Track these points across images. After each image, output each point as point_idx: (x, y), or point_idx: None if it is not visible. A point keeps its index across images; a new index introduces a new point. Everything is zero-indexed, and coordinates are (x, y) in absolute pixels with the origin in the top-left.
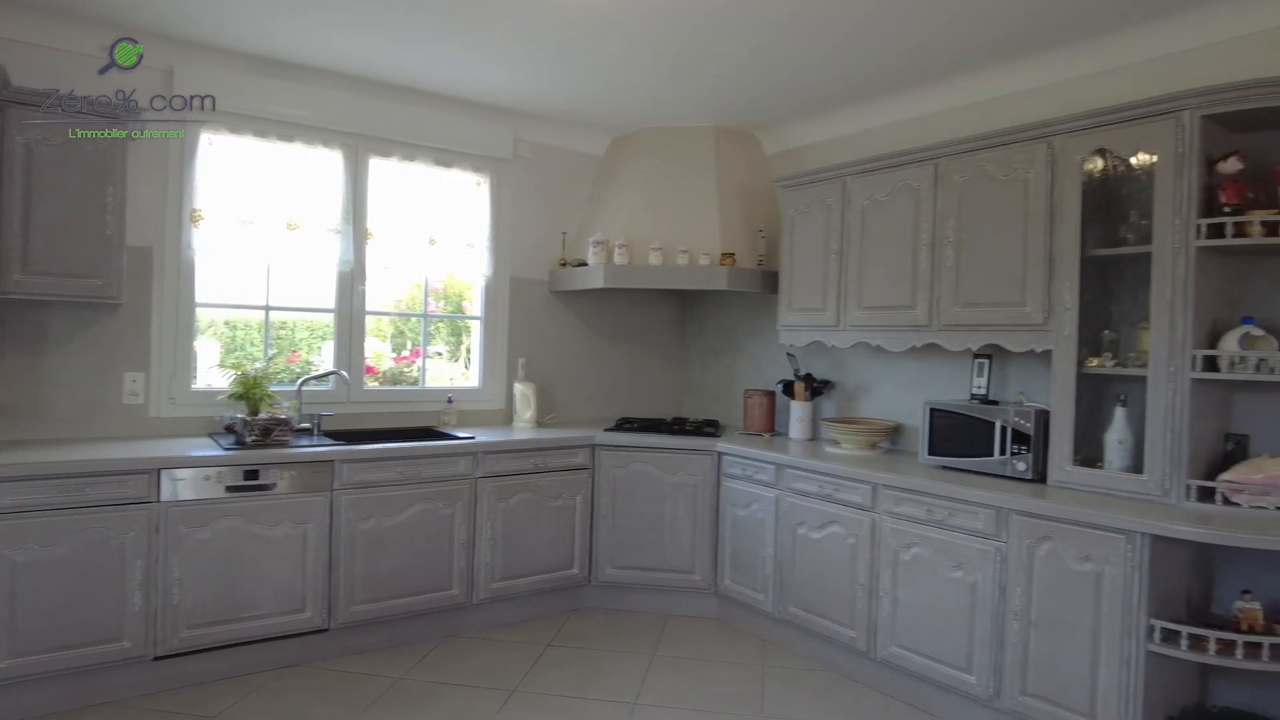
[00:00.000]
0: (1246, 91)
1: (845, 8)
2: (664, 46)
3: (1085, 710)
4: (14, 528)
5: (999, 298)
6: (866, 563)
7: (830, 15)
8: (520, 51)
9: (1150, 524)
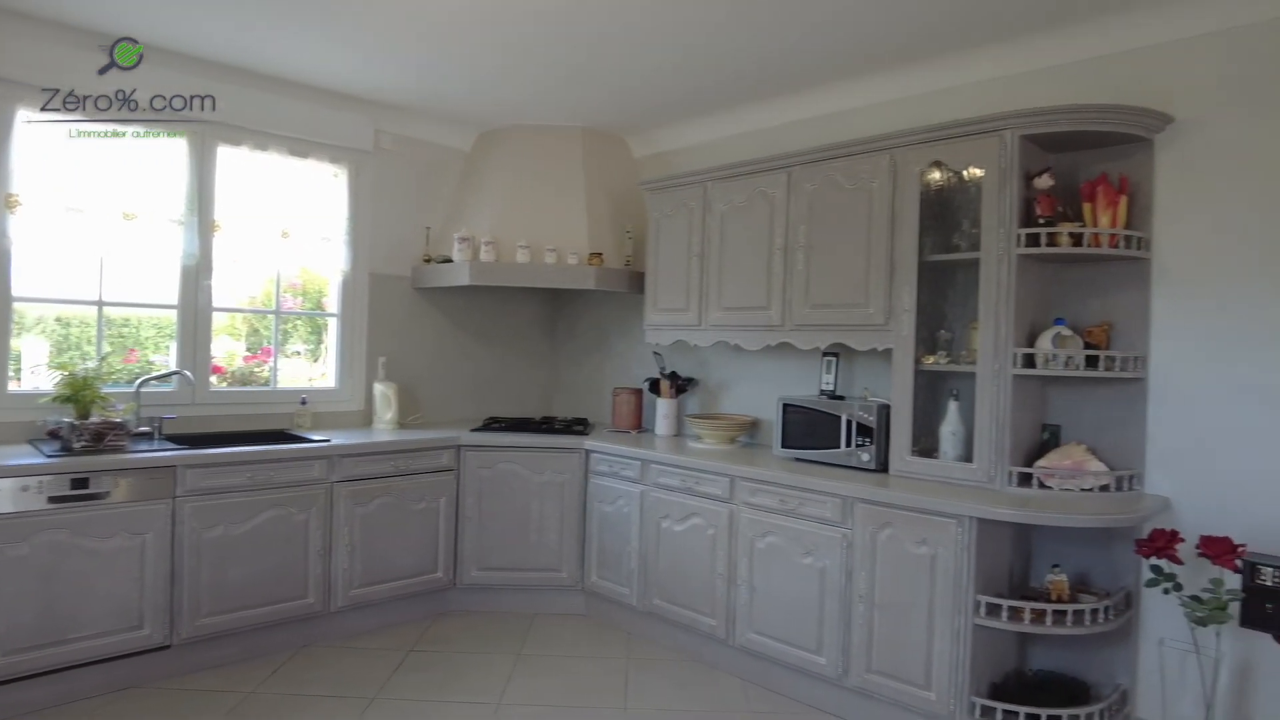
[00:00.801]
0: (1057, 116)
1: (703, 20)
2: (532, 45)
3: (922, 682)
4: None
5: (845, 300)
6: (725, 552)
7: (689, 26)
8: (379, 41)
9: (977, 508)
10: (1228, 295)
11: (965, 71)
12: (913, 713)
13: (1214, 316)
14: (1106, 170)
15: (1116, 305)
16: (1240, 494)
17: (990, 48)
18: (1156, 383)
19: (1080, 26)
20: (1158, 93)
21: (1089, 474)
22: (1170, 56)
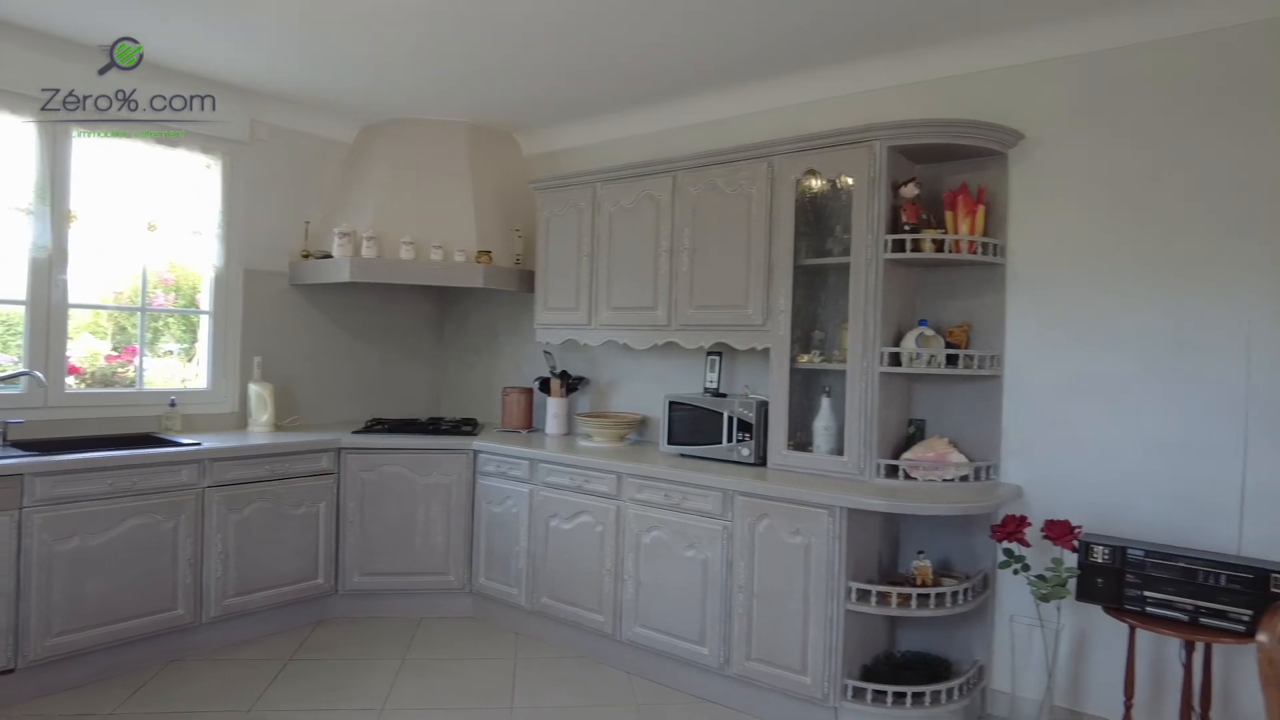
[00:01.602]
0: (921, 129)
1: (589, 24)
2: (421, 39)
3: (798, 668)
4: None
5: (727, 301)
6: (613, 549)
7: (577, 29)
8: (256, 27)
9: (847, 499)
10: (1070, 298)
11: (838, 84)
12: (790, 697)
13: (1059, 318)
14: (966, 181)
15: (975, 307)
16: (1078, 480)
17: (860, 62)
18: (1010, 379)
19: (943, 46)
20: (1010, 110)
21: (950, 465)
22: (1021, 78)
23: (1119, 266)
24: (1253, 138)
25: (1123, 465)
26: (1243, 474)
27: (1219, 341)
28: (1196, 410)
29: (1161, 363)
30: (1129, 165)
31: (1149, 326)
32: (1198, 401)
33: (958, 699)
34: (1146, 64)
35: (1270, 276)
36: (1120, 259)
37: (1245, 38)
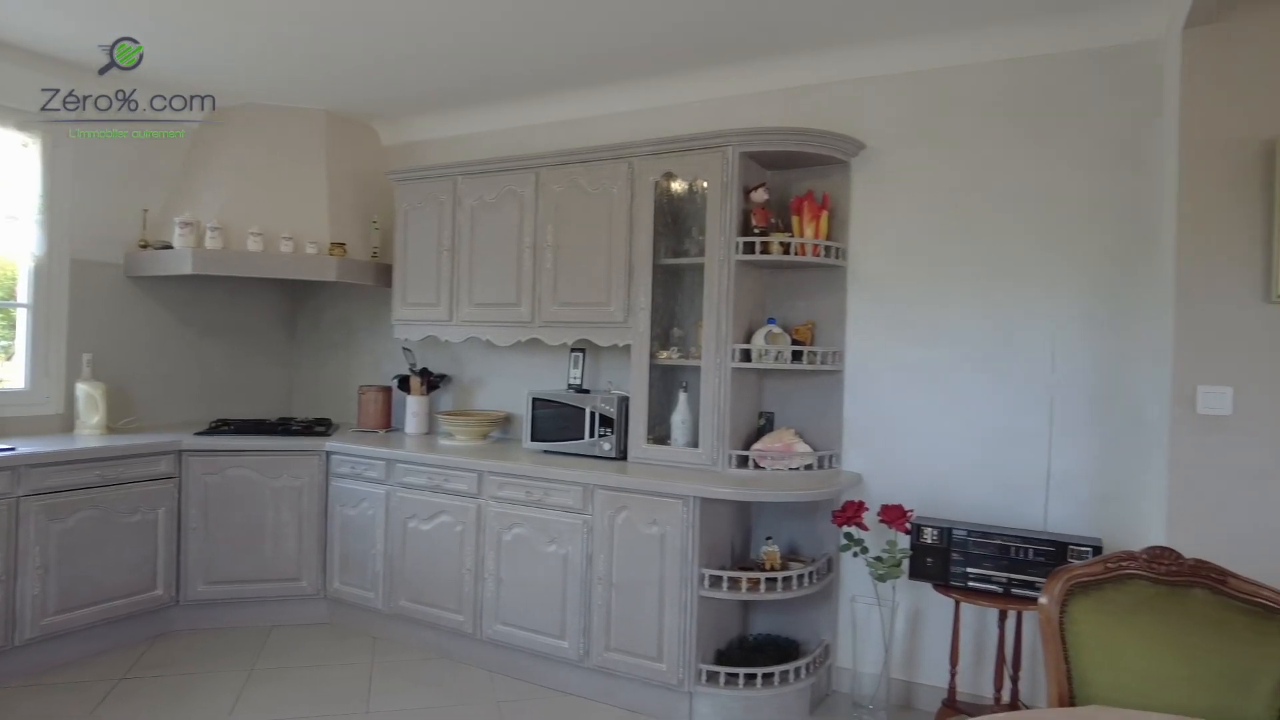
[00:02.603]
0: (771, 136)
1: (452, 17)
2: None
3: (655, 655)
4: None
5: (589, 298)
6: (473, 547)
7: (440, 21)
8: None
9: (700, 488)
10: (904, 299)
11: (696, 89)
12: (648, 685)
13: (894, 317)
14: (812, 187)
15: (819, 307)
16: (912, 466)
17: (717, 69)
18: (851, 374)
19: (794, 58)
20: (853, 121)
21: (796, 455)
22: (862, 91)
23: (946, 271)
24: (1056, 156)
25: (951, 453)
26: (1048, 459)
27: (1029, 340)
28: (1011, 402)
29: (983, 359)
30: (953, 177)
31: (972, 326)
32: (1012, 394)
33: (805, 677)
34: (967, 84)
35: (1070, 283)
36: (947, 264)
37: (1050, 66)
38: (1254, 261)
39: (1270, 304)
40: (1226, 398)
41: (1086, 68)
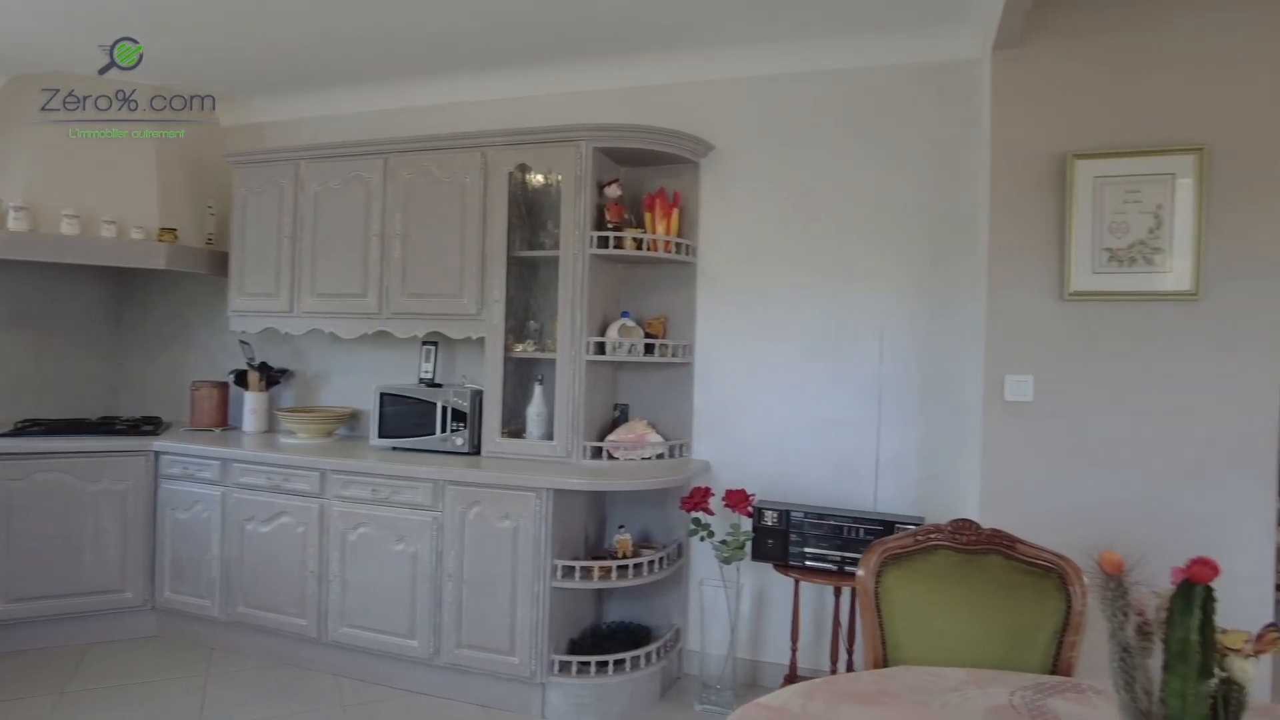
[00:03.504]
0: (624, 133)
1: None
2: None
3: (507, 649)
4: None
5: (441, 289)
6: (316, 549)
7: None
8: None
9: (553, 481)
10: (749, 294)
11: (552, 83)
12: (500, 679)
13: (740, 312)
14: (664, 185)
15: (671, 301)
16: (757, 453)
17: (574, 64)
18: (700, 366)
19: (649, 56)
20: (703, 122)
21: (649, 445)
22: (713, 93)
23: (786, 268)
24: (886, 163)
25: (792, 440)
26: (877, 444)
27: (861, 334)
28: (846, 392)
29: (820, 351)
30: (794, 179)
31: (810, 321)
32: (846, 384)
33: (656, 662)
34: (808, 91)
35: (897, 280)
36: (787, 262)
37: (883, 78)
38: (1051, 262)
39: (1064, 300)
40: (1028, 385)
41: (915, 81)
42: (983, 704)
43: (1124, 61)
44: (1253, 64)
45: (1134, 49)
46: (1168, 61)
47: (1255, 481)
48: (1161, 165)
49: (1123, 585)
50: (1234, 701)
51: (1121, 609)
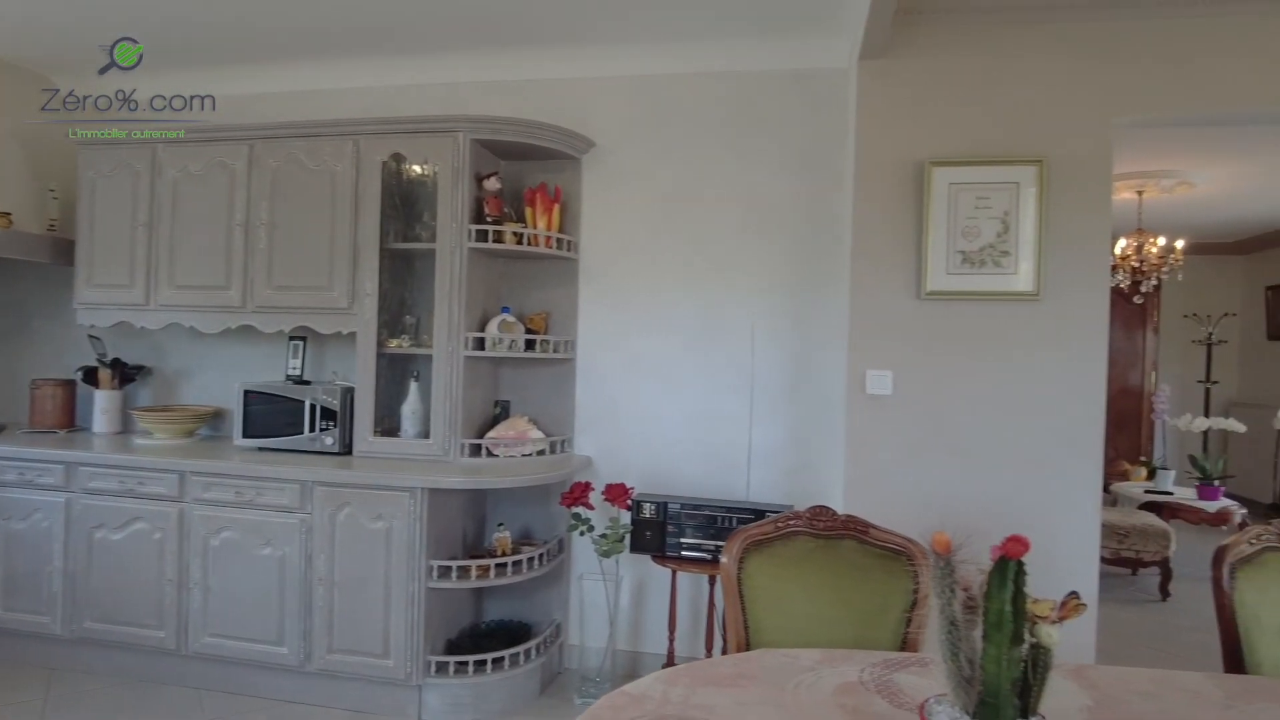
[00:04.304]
0: (504, 126)
1: None
2: None
3: (381, 652)
4: None
5: (310, 282)
6: (175, 556)
7: None
8: None
9: (428, 479)
10: (630, 290)
11: (431, 72)
12: (375, 683)
13: (621, 308)
14: (546, 180)
15: (553, 297)
16: (638, 447)
17: (454, 54)
18: (582, 362)
19: (531, 51)
20: (585, 119)
21: (530, 441)
22: (595, 90)
23: (665, 265)
24: (760, 164)
25: (671, 433)
26: (749, 435)
27: (734, 329)
28: (721, 386)
29: (698, 347)
30: (673, 178)
31: (688, 316)
32: (722, 379)
33: (535, 658)
34: (687, 92)
35: (769, 279)
36: (666, 259)
37: (758, 82)
38: (909, 263)
39: (921, 300)
40: (888, 380)
41: (789, 87)
42: (834, 682)
43: (975, 77)
44: (1080, 87)
45: (984, 67)
46: (1012, 80)
47: (1086, 466)
48: (1008, 175)
49: (950, 564)
50: (1041, 663)
51: (949, 585)
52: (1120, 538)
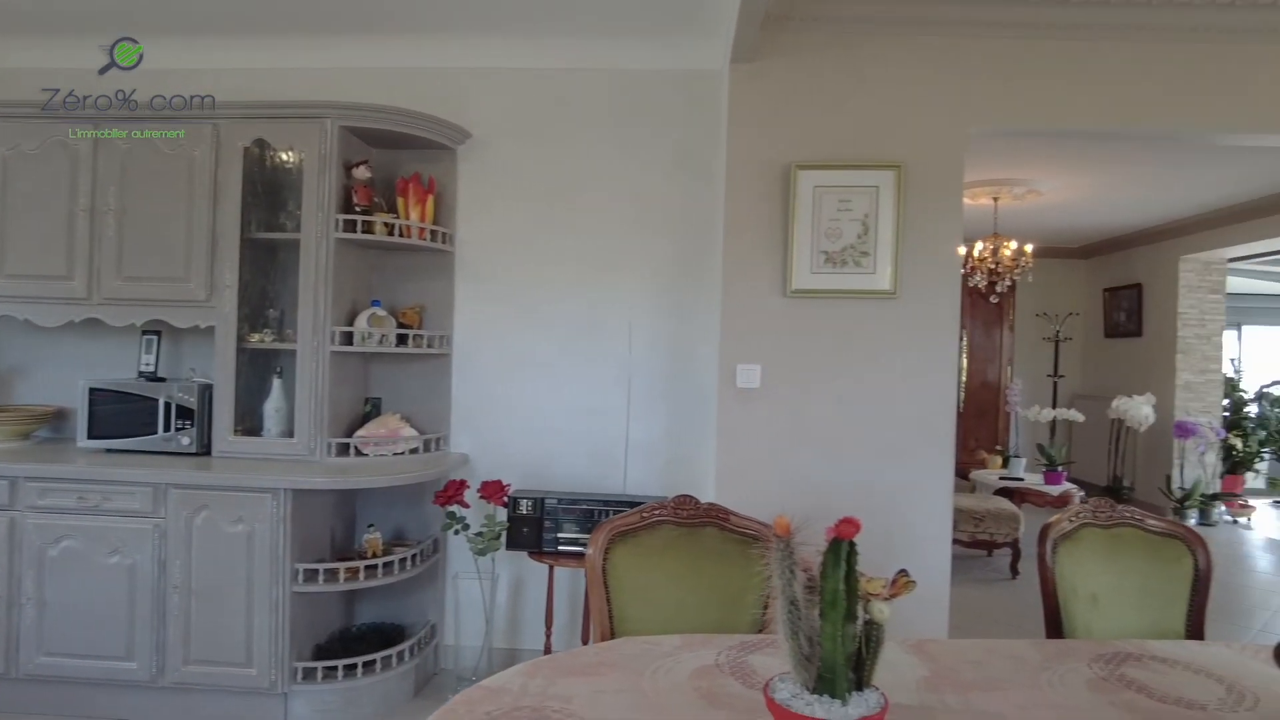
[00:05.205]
0: (375, 114)
1: None
2: None
3: (243, 661)
4: None
5: (164, 273)
6: (5, 569)
7: None
8: None
9: (291, 480)
10: (509, 285)
11: (297, 56)
12: (236, 694)
13: (500, 302)
14: (420, 170)
15: (428, 291)
16: (517, 444)
17: (323, 38)
18: (459, 357)
19: (405, 38)
20: (461, 109)
21: (402, 439)
22: (471, 81)
23: (545, 260)
24: (639, 163)
25: (551, 428)
26: (626, 430)
27: (615, 324)
28: (600, 381)
29: (577, 342)
30: (553, 173)
31: (567, 312)
32: (599, 373)
33: (409, 660)
34: (568, 87)
35: (646, 275)
36: (546, 254)
37: (638, 81)
38: (776, 263)
39: (787, 297)
40: (757, 374)
41: (667, 86)
42: (691, 666)
43: (840, 84)
44: (938, 96)
45: (849, 74)
46: (874, 87)
47: (939, 454)
48: (869, 179)
49: (790, 546)
50: (874, 639)
51: (789, 567)
52: (976, 521)
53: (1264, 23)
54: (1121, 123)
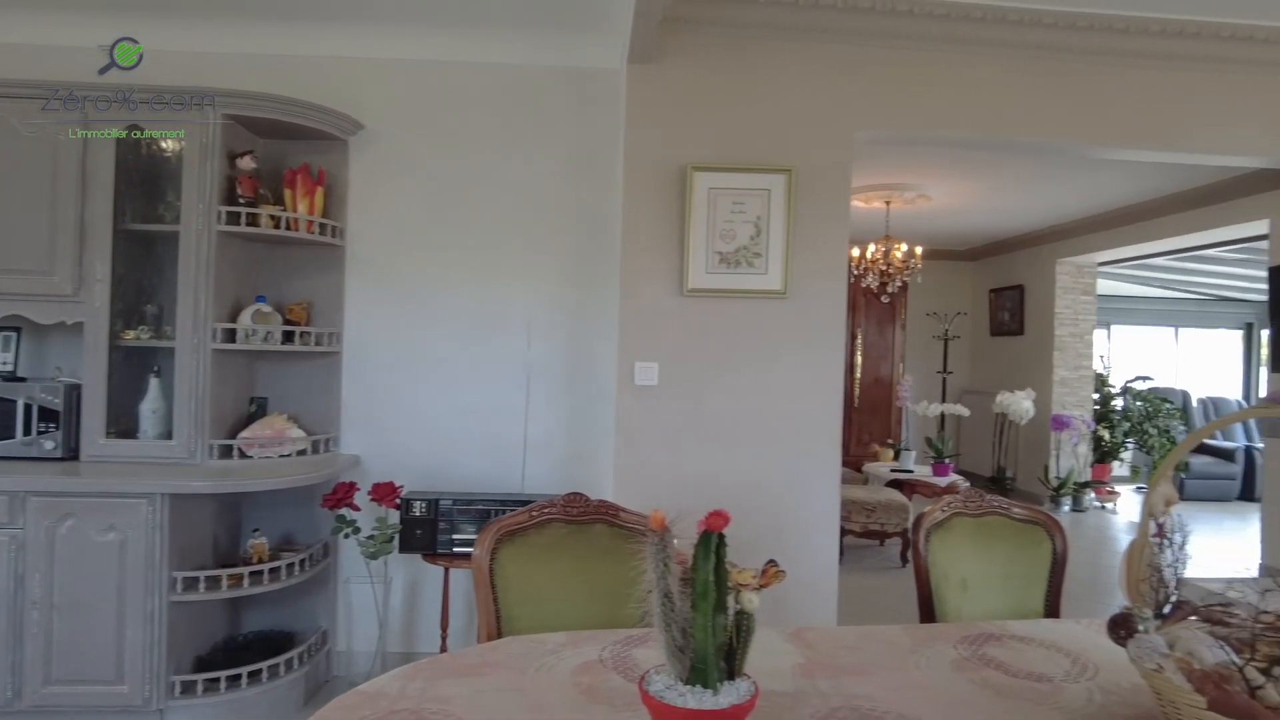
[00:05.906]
0: (261, 102)
1: None
2: None
3: (113, 678)
4: None
5: (24, 265)
6: None
7: None
8: None
9: (169, 484)
10: (403, 281)
11: (176, 38)
12: (106, 713)
13: (393, 299)
14: (309, 161)
15: (317, 286)
16: (411, 444)
17: (204, 21)
18: (349, 356)
19: (294, 24)
20: (353, 100)
21: (289, 440)
22: (365, 72)
23: (441, 256)
24: (538, 159)
25: (446, 428)
26: (525, 427)
27: (511, 323)
28: (497, 378)
29: (473, 340)
30: (449, 168)
31: (464, 309)
32: (498, 371)
33: (298, 668)
34: (462, 81)
35: (545, 273)
36: (442, 249)
37: (534, 76)
38: (673, 262)
39: (683, 296)
40: (654, 371)
41: (563, 84)
42: (575, 662)
43: (735, 87)
44: (827, 102)
45: (743, 77)
46: (767, 91)
47: (827, 449)
48: (761, 181)
49: (664, 539)
50: (745, 628)
51: (664, 560)
52: (869, 512)
53: (1121, 46)
54: (995, 133)
